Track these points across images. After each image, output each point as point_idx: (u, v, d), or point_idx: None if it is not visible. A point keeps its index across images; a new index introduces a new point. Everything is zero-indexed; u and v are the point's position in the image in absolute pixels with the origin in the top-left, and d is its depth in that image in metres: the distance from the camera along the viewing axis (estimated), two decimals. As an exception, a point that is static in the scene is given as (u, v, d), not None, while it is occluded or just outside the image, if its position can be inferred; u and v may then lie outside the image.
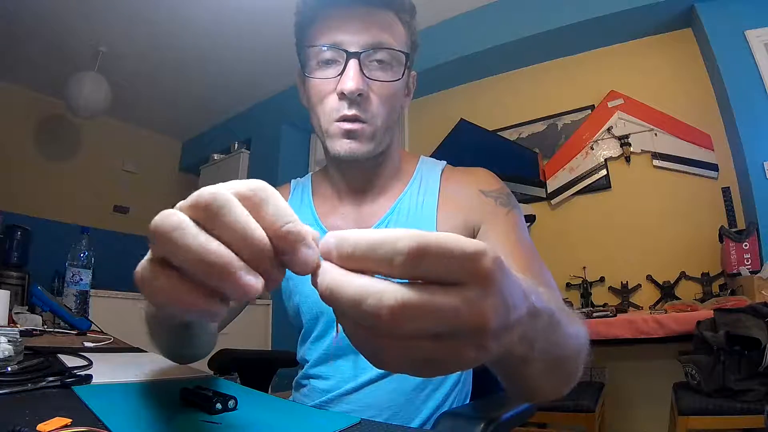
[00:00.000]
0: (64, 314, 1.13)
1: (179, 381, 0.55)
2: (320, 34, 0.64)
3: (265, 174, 3.62)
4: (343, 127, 0.64)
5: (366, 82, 0.63)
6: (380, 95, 0.65)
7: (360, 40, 0.62)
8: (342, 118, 0.64)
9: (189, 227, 0.22)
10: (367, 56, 0.63)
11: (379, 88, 0.64)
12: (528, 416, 0.60)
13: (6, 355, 0.52)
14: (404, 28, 0.67)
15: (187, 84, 3.64)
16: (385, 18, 0.65)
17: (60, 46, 3.07)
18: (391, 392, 0.66)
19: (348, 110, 0.63)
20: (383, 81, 0.64)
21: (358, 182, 0.73)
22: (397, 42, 0.65)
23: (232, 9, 2.77)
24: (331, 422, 0.41)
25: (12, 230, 1.54)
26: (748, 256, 1.91)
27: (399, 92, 0.68)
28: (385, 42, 0.63)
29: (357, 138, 0.64)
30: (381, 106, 0.65)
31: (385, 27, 0.64)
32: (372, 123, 0.65)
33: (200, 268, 0.22)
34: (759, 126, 2.02)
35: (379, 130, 0.66)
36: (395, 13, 0.66)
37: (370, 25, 0.63)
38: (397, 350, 0.21)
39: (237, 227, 0.22)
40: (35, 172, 3.64)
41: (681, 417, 1.45)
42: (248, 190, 0.23)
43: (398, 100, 0.68)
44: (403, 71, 0.66)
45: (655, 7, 2.28)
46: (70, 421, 0.33)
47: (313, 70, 0.65)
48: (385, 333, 0.21)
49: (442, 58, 2.83)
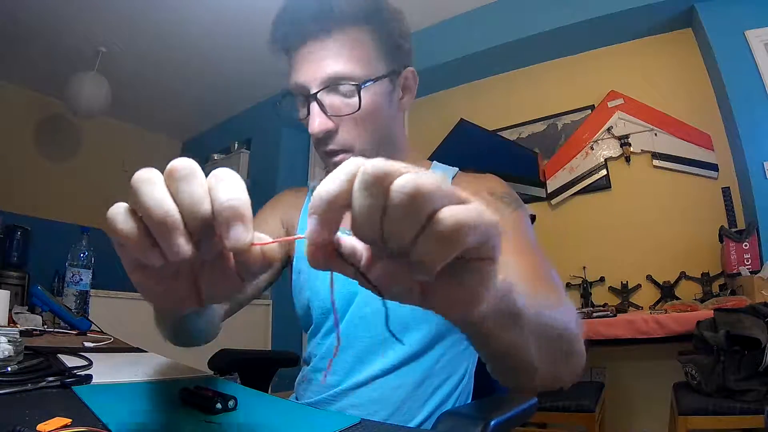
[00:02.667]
0: (64, 314, 1.13)
1: (179, 381, 0.55)
2: (289, 76, 0.66)
3: (265, 174, 3.65)
4: (332, 160, 0.66)
5: (331, 118, 0.63)
6: (350, 125, 0.64)
7: (316, 79, 0.62)
8: (326, 153, 0.66)
9: (157, 183, 0.25)
10: (328, 92, 0.63)
11: (350, 117, 0.64)
12: (528, 416, 0.60)
13: (6, 355, 0.52)
14: (373, 36, 0.64)
15: (187, 84, 3.64)
16: (344, 42, 0.62)
17: (60, 46, 3.07)
18: (396, 388, 0.67)
19: (327, 147, 0.65)
20: (346, 115, 0.63)
21: None
22: (360, 61, 0.63)
23: (232, 9, 2.77)
24: (331, 422, 0.41)
25: (12, 230, 1.55)
26: (748, 256, 1.91)
27: (377, 108, 0.66)
28: (340, 72, 0.61)
29: None
30: (355, 132, 0.65)
31: (340, 56, 0.62)
32: (352, 150, 0.65)
33: (148, 218, 0.25)
34: (759, 126, 2.02)
35: (366, 151, 0.66)
36: (356, 25, 0.63)
37: (324, 59, 0.62)
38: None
39: (189, 196, 0.25)
40: (35, 172, 3.64)
41: (681, 417, 1.45)
42: (214, 171, 0.27)
43: (379, 116, 0.66)
44: (360, 97, 0.63)
45: (655, 7, 2.28)
46: (70, 421, 0.33)
47: (298, 108, 0.68)
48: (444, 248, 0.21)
49: (442, 58, 2.82)
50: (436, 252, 0.21)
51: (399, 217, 0.21)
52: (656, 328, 1.74)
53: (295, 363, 1.17)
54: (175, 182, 0.25)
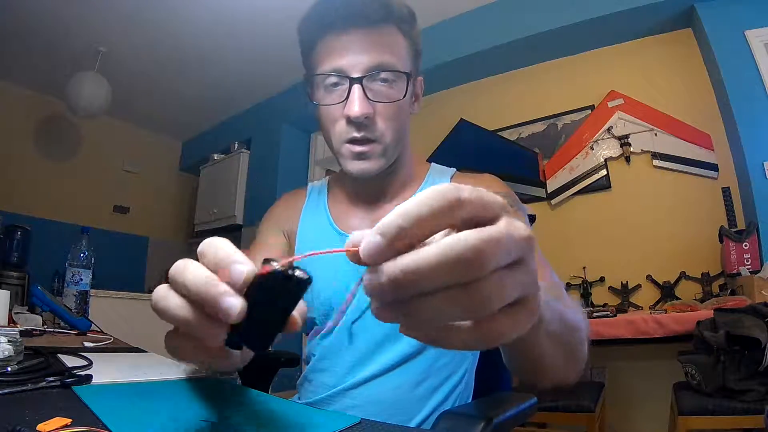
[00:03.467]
0: (64, 314, 1.13)
1: (179, 381, 0.55)
2: (322, 60, 0.66)
3: (264, 174, 3.65)
4: (354, 150, 0.66)
5: (371, 104, 0.64)
6: (386, 114, 0.66)
7: (361, 64, 0.63)
8: (351, 140, 0.66)
9: (189, 262, 0.28)
10: (370, 79, 0.64)
11: (385, 107, 0.66)
12: (528, 416, 0.60)
13: (6, 355, 0.52)
14: (405, 39, 0.68)
15: (187, 84, 3.64)
16: (384, 35, 0.65)
17: (60, 46, 3.07)
18: (395, 388, 0.67)
19: (357, 133, 0.65)
20: (388, 102, 0.65)
21: (372, 190, 0.76)
22: (399, 57, 0.66)
23: (232, 9, 2.77)
24: (331, 422, 0.41)
25: (12, 230, 1.55)
26: (748, 256, 1.91)
27: (405, 106, 0.69)
28: (386, 62, 0.64)
29: (368, 158, 0.67)
30: (388, 124, 0.66)
31: (384, 46, 0.65)
32: (381, 141, 0.67)
33: (195, 289, 0.26)
34: (759, 126, 2.02)
35: (389, 147, 0.68)
36: (395, 25, 0.67)
37: (370, 47, 0.64)
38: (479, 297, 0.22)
39: (224, 258, 0.27)
40: (35, 172, 3.64)
41: (681, 417, 1.45)
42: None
43: (405, 113, 0.70)
44: (406, 87, 0.67)
45: (655, 7, 2.28)
46: (70, 421, 0.33)
47: (320, 94, 0.67)
48: (471, 277, 0.21)
49: (442, 58, 2.82)
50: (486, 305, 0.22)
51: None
52: (656, 328, 1.74)
53: (295, 363, 1.17)
54: (204, 257, 0.28)
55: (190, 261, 0.28)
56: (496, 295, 0.22)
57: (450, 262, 0.21)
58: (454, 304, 0.22)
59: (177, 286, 0.27)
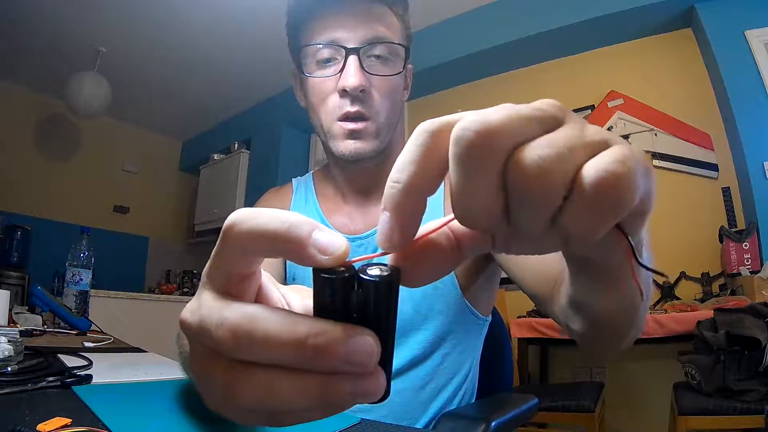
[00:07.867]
0: (64, 314, 1.13)
1: (179, 381, 0.55)
2: (316, 32, 0.64)
3: (264, 174, 3.65)
4: (347, 127, 0.63)
5: (367, 77, 0.62)
6: (381, 90, 0.64)
7: (357, 36, 0.62)
8: (345, 116, 0.62)
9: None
10: (366, 51, 0.62)
11: (380, 83, 0.64)
12: (529, 416, 0.60)
13: (6, 355, 0.52)
14: (399, 21, 0.67)
15: (187, 84, 3.64)
16: (379, 12, 0.65)
17: (60, 46, 3.07)
18: (400, 391, 0.66)
19: (351, 107, 0.62)
20: (384, 75, 0.64)
21: (362, 182, 0.72)
22: (394, 35, 0.65)
23: (232, 9, 2.77)
24: (331, 422, 0.41)
25: (12, 230, 1.55)
26: (748, 256, 1.91)
27: (399, 86, 0.68)
28: (383, 35, 0.63)
29: (361, 137, 0.63)
30: (383, 101, 0.64)
31: (381, 20, 0.64)
32: (375, 119, 0.64)
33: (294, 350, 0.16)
34: (759, 126, 2.02)
35: (383, 127, 0.65)
36: (388, 6, 0.66)
37: (366, 20, 0.63)
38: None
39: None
40: (35, 172, 3.64)
41: (681, 417, 1.45)
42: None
43: (399, 93, 0.68)
44: (403, 64, 0.65)
45: (655, 7, 2.28)
46: (70, 421, 0.33)
47: (312, 69, 0.65)
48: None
49: (442, 58, 2.82)
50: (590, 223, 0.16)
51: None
52: (656, 328, 1.74)
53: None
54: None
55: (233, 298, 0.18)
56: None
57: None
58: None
59: (241, 351, 0.17)
